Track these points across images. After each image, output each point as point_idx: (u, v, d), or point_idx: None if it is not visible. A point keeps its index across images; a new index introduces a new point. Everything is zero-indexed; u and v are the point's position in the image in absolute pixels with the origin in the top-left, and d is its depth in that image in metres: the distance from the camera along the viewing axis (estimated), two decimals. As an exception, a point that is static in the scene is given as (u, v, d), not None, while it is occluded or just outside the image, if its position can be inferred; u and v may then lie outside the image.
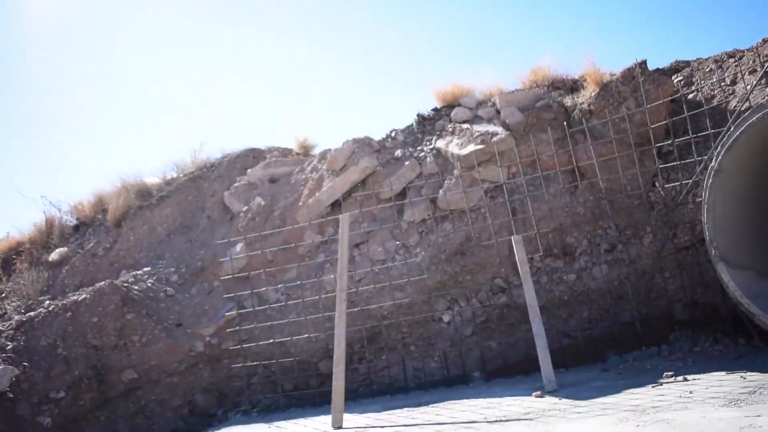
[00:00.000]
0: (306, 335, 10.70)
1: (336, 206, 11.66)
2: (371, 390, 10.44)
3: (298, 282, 11.17)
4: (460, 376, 10.12)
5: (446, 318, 10.45)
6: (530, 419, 7.04)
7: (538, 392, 8.13)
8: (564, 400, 7.66)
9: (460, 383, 10.06)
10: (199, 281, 12.09)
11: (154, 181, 14.95)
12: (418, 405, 8.96)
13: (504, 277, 10.38)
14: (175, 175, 14.87)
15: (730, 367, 7.79)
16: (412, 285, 10.51)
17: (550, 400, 7.79)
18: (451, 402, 8.77)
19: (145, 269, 12.44)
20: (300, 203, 11.99)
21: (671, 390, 7.27)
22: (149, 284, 11.90)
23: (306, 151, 14.13)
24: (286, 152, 14.45)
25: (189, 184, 14.19)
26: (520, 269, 8.79)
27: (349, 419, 8.64)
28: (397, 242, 10.93)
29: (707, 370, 7.84)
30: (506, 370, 9.94)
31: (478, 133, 11.15)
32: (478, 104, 12.33)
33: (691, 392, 7.01)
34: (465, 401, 8.67)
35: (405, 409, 8.86)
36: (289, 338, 10.73)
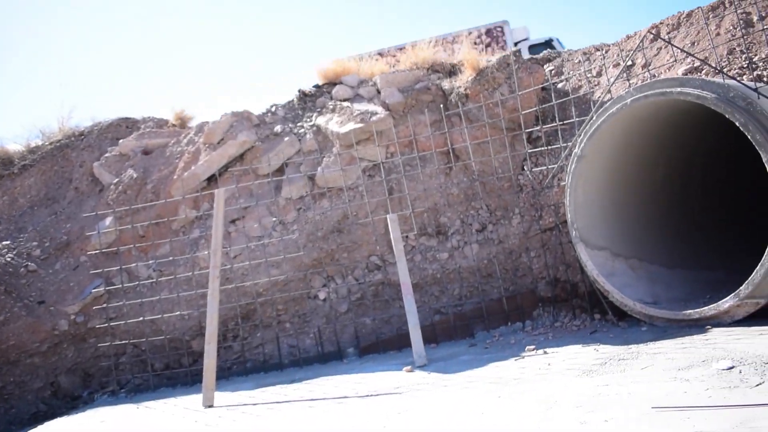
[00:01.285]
0: (178, 313, 10.44)
1: (212, 181, 11.38)
2: (245, 368, 10.36)
3: (171, 258, 10.84)
4: (334, 353, 10.23)
5: (322, 295, 10.51)
6: (400, 393, 7.23)
7: (409, 367, 8.35)
8: (433, 374, 7.92)
9: (335, 359, 10.18)
10: (65, 256, 11.48)
11: (17, 148, 13.95)
12: (292, 382, 8.99)
13: (379, 255, 10.55)
14: (40, 143, 13.93)
15: (585, 340, 8.33)
16: (289, 262, 10.48)
17: (419, 375, 8.03)
18: (325, 378, 8.86)
19: (5, 243, 11.66)
20: (175, 176, 11.60)
21: (532, 363, 7.68)
22: (8, 259, 11.17)
23: (183, 123, 13.65)
24: (161, 123, 13.90)
25: (55, 152, 13.37)
26: (394, 247, 8.96)
27: (221, 398, 8.53)
28: (274, 219, 10.84)
29: (565, 344, 8.34)
30: (380, 345, 10.14)
31: (358, 112, 11.20)
32: (360, 83, 12.36)
33: (549, 364, 7.44)
34: (338, 377, 8.78)
35: (278, 386, 8.87)
36: (160, 316, 10.43)
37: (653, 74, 10.25)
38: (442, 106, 10.94)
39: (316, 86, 12.69)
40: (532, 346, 8.34)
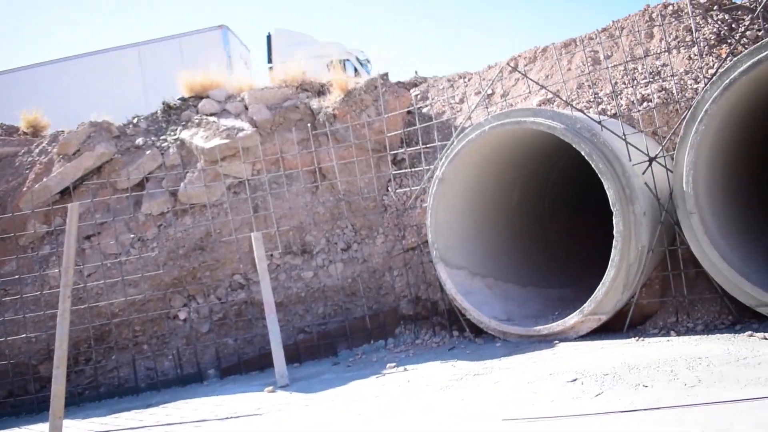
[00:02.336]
0: (24, 335, 9.73)
1: (66, 194, 10.74)
2: (98, 393, 9.81)
3: (17, 276, 10.11)
4: (194, 375, 9.92)
5: (182, 315, 10.18)
6: (260, 414, 7.13)
7: (271, 387, 8.26)
8: (295, 394, 7.87)
9: (195, 382, 9.86)
10: None
11: None
12: (148, 406, 8.62)
13: (243, 273, 10.38)
14: None
15: (444, 357, 8.59)
16: (147, 281, 10.08)
17: (281, 395, 7.96)
18: (184, 401, 8.57)
19: None
20: (24, 188, 10.86)
21: (393, 380, 7.82)
22: None
23: (36, 131, 12.83)
24: (11, 131, 12.99)
25: None
26: (258, 266, 8.86)
27: (71, 426, 8.03)
28: (133, 235, 10.40)
29: (425, 361, 8.56)
30: (242, 366, 9.95)
31: (225, 128, 11.02)
32: (228, 98, 12.18)
33: (409, 381, 7.61)
34: (197, 400, 8.53)
35: (133, 411, 8.47)
36: (3, 339, 9.68)
37: (511, 103, 10.84)
38: (309, 125, 10.99)
39: (182, 99, 12.35)
40: (393, 364, 8.49)
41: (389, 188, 10.69)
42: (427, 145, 10.34)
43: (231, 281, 10.43)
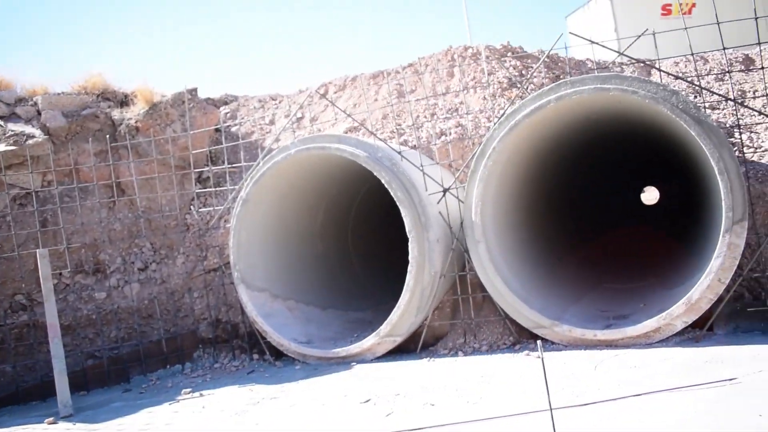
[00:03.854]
0: None
1: None
2: None
3: None
4: (-40, 406, 8.89)
5: (-51, 339, 9.11)
6: (35, 448, 6.58)
7: (52, 419, 7.61)
8: (79, 425, 7.35)
9: (-40, 414, 8.84)
10: None
11: None
12: None
13: (26, 293, 9.52)
14: None
15: (242, 381, 8.47)
16: None
17: (63, 426, 7.40)
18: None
19: None
20: None
21: (187, 406, 7.58)
22: None
23: None
24: None
25: None
26: (42, 286, 8.18)
27: None
28: None
29: (223, 385, 8.38)
30: (21, 396, 9.07)
31: (12, 133, 10.11)
32: (18, 101, 11.18)
33: (204, 407, 7.42)
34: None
35: None
36: None
37: (319, 128, 11.06)
38: (109, 136, 10.41)
39: (-37, 100, 11.15)
40: (189, 389, 8.22)
41: (192, 207, 10.39)
42: (234, 165, 10.22)
43: (12, 302, 9.52)
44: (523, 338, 8.29)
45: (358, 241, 11.18)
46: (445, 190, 8.37)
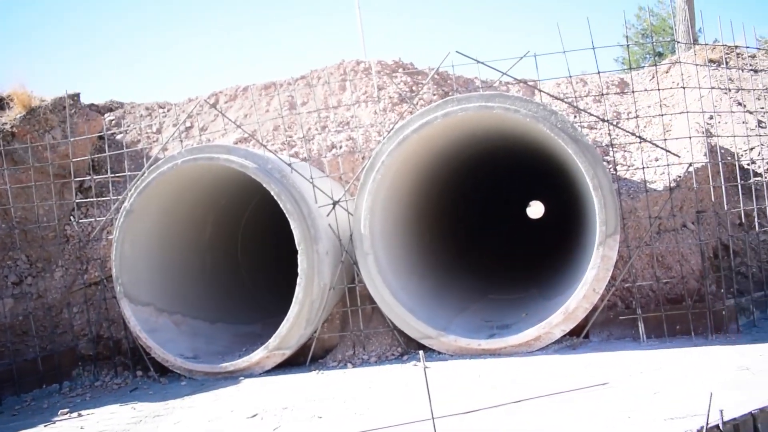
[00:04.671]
0: None
1: None
2: None
3: None
4: None
5: None
6: None
7: None
8: (-60, 452, 6.86)
9: None
10: None
11: None
12: None
13: None
14: None
15: (125, 399, 8.16)
16: None
17: None
18: None
19: None
20: None
21: (64, 427, 7.23)
22: None
23: None
24: None
25: None
26: None
27: None
28: None
29: (104, 404, 8.04)
30: None
31: None
32: None
33: (82, 428, 7.10)
34: None
35: None
36: None
37: (208, 138, 10.86)
38: (-20, 142, 9.79)
39: None
40: (66, 409, 7.84)
41: (72, 218, 9.91)
42: (117, 174, 9.85)
43: None
44: (411, 349, 8.43)
45: (248, 254, 11.03)
46: (334, 203, 8.42)
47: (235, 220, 10.70)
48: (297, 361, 8.71)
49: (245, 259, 10.97)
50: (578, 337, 8.05)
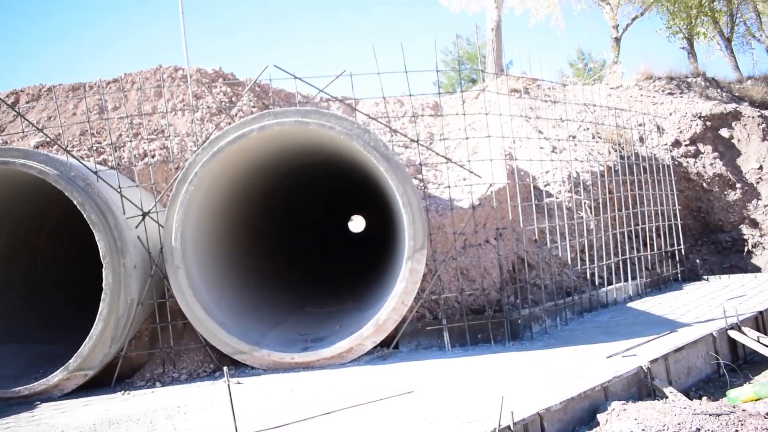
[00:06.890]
0: None
1: None
2: None
3: None
4: None
5: None
6: None
7: None
8: None
9: None
10: None
11: None
12: None
13: None
14: None
15: None
16: None
17: None
18: None
19: None
20: None
21: None
22: None
23: None
24: None
25: None
26: None
27: None
28: None
29: None
30: None
31: None
32: None
33: None
34: None
35: None
36: None
37: (6, 141, 10.00)
38: None
39: None
40: None
41: None
42: None
43: None
44: (224, 365, 8.20)
45: (51, 266, 10.19)
46: (144, 214, 8.07)
47: (36, 229, 9.88)
48: (102, 382, 8.22)
49: (47, 271, 10.13)
50: (389, 347, 8.32)
